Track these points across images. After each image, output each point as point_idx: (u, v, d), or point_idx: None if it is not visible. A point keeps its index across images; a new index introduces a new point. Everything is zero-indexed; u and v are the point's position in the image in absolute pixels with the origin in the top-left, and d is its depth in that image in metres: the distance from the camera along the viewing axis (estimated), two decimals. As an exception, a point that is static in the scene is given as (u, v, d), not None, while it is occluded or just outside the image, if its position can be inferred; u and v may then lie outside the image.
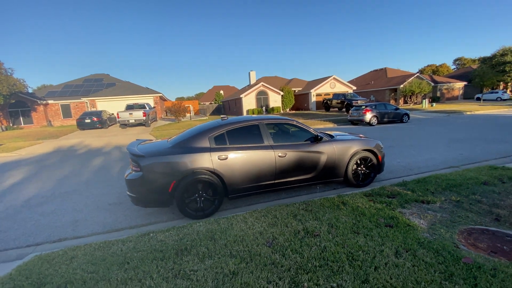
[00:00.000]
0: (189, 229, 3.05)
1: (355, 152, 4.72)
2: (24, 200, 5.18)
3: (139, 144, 4.46)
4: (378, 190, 4.21)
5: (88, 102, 24.01)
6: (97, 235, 3.57)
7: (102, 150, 11.29)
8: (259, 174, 4.09)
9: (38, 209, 4.64)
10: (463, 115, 20.48)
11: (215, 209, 3.94)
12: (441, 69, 67.04)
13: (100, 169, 7.50)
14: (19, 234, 3.75)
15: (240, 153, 3.98)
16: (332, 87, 32.94)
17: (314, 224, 2.93)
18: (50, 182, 6.37)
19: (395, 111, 16.78)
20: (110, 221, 4.00)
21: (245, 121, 4.34)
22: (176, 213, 4.15)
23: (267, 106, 31.79)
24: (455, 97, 40.56)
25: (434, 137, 10.27)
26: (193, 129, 4.53)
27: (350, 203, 3.56)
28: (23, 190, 5.82)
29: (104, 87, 28.77)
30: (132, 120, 17.84)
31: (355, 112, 16.65)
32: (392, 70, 42.86)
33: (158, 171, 3.62)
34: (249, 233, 2.79)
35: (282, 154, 4.18)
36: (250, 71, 38.14)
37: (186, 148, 3.85)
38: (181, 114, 20.66)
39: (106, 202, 4.80)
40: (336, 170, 4.65)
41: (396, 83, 34.81)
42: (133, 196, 3.73)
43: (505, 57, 35.65)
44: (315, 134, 4.57)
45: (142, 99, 24.90)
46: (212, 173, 3.85)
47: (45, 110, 25.22)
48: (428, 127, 13.85)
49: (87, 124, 18.22)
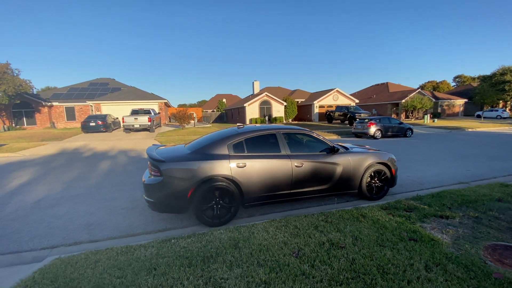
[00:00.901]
0: (210, 236, 3.03)
1: (369, 165, 4.74)
2: (33, 201, 5.14)
3: (157, 148, 4.47)
4: (394, 203, 4.21)
5: (93, 106, 24.13)
6: (113, 240, 3.54)
7: (108, 154, 11.27)
8: (275, 184, 4.09)
9: (49, 211, 4.60)
10: (464, 131, 20.62)
11: (231, 217, 3.92)
12: (441, 85, 67.99)
13: (109, 173, 7.47)
14: (32, 236, 3.71)
15: (258, 161, 3.99)
16: (335, 100, 33.27)
17: (338, 236, 2.91)
18: (58, 184, 6.33)
19: (399, 126, 16.90)
20: (124, 226, 3.96)
21: (262, 130, 4.37)
22: (191, 220, 4.12)
23: (270, 116, 32.00)
24: (455, 114, 40.96)
25: (439, 153, 10.31)
26: (211, 136, 4.55)
27: (370, 216, 3.54)
28: (32, 192, 5.78)
29: (109, 91, 28.98)
30: (137, 125, 17.89)
31: (359, 125, 16.75)
32: (393, 85, 43.42)
33: (178, 177, 3.61)
34: (273, 243, 2.77)
35: (299, 164, 4.19)
36: (254, 81, 38.66)
37: (205, 155, 3.86)
38: (186, 121, 20.75)
39: (119, 207, 4.76)
40: (351, 182, 4.66)
41: (398, 98, 35.20)
42: (151, 201, 3.71)
43: (505, 76, 36.23)
44: (331, 145, 4.59)
45: (147, 104, 25.05)
46: (230, 181, 3.84)
47: (49, 112, 25.29)
48: (432, 142, 13.92)
49: (92, 127, 18.24)
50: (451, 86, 68.40)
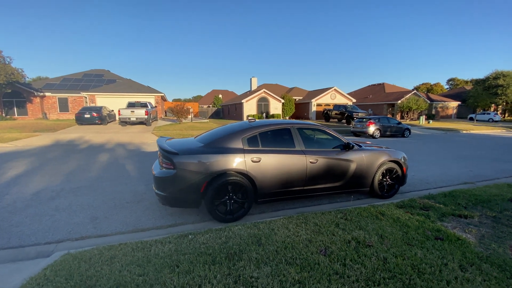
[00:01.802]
0: (229, 232, 2.89)
1: (382, 163, 4.67)
2: (32, 193, 4.90)
3: (167, 140, 4.30)
4: (408, 202, 4.15)
5: (88, 97, 23.50)
6: (122, 234, 3.37)
7: (105, 146, 10.96)
8: (290, 180, 3.97)
9: (50, 204, 4.38)
10: (459, 133, 20.94)
11: (244, 213, 3.79)
12: (435, 87, 69.00)
13: (108, 166, 7.22)
14: (34, 229, 3.50)
15: (273, 156, 3.86)
16: (333, 98, 33.34)
17: (362, 234, 2.82)
18: (57, 176, 6.07)
19: (397, 126, 17.01)
20: (132, 220, 3.79)
21: (277, 124, 4.24)
22: (201, 215, 3.98)
23: (267, 113, 31.86)
24: (449, 116, 41.63)
25: (439, 153, 10.38)
26: (223, 129, 4.40)
27: (388, 214, 3.47)
28: (30, 183, 5.52)
29: (104, 83, 28.29)
30: (134, 118, 17.49)
31: (358, 124, 16.78)
32: (389, 86, 43.79)
33: (192, 170, 3.45)
34: (297, 240, 2.65)
35: (313, 160, 4.08)
36: (252, 77, 38.31)
37: (220, 148, 3.71)
38: (183, 116, 20.43)
39: (123, 200, 4.57)
40: (364, 179, 4.58)
41: (394, 99, 35.50)
42: (162, 194, 3.55)
43: (498, 80, 36.92)
44: (345, 141, 4.50)
45: (143, 97, 24.56)
46: (244, 175, 3.71)
47: (41, 102, 24.53)
48: (429, 143, 14.04)
49: (86, 119, 17.76)
50: (445, 88, 69.51)
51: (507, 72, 36.69)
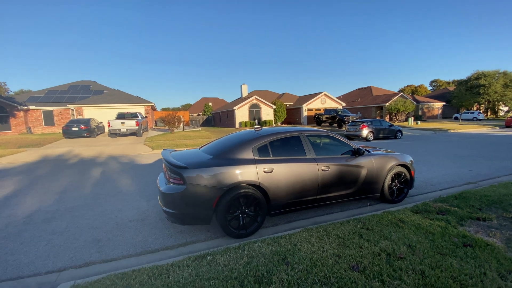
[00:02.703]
0: (249, 250, 2.71)
1: (391, 167, 4.62)
2: (25, 216, 4.55)
3: (171, 153, 4.10)
4: (422, 206, 4.09)
5: (74, 110, 22.77)
6: (130, 258, 3.12)
7: (97, 160, 10.54)
8: (303, 189, 3.84)
9: (46, 227, 4.06)
10: (448, 133, 21.50)
11: (258, 227, 3.62)
12: (419, 89, 71.17)
13: (104, 181, 6.89)
14: (32, 257, 3.20)
15: (285, 165, 3.72)
16: (323, 103, 33.73)
17: (389, 245, 2.70)
18: (50, 195, 5.71)
19: (390, 128, 17.27)
20: (138, 241, 3.54)
21: (286, 132, 4.12)
22: (212, 231, 3.77)
23: (259, 119, 31.85)
24: (434, 116, 42.87)
25: (435, 154, 10.52)
26: (229, 139, 4.24)
27: (408, 221, 3.38)
28: (21, 204, 5.15)
29: (91, 94, 27.54)
30: (124, 129, 17.02)
31: (352, 127, 16.94)
32: (376, 89, 44.82)
33: (204, 184, 3.26)
34: (324, 256, 2.50)
35: (325, 167, 3.97)
36: (242, 84, 38.44)
37: (230, 160, 3.54)
38: (175, 125, 20.06)
39: (126, 219, 4.31)
40: (374, 185, 4.51)
41: (382, 101, 36.27)
42: (171, 212, 3.33)
43: (479, 80, 38.45)
44: (355, 147, 4.42)
45: (132, 108, 24.03)
46: (257, 187, 3.55)
47: (25, 116, 23.58)
48: (423, 143, 14.27)
49: (74, 132, 17.14)
50: (429, 90, 71.83)
51: (487, 72, 38.28)
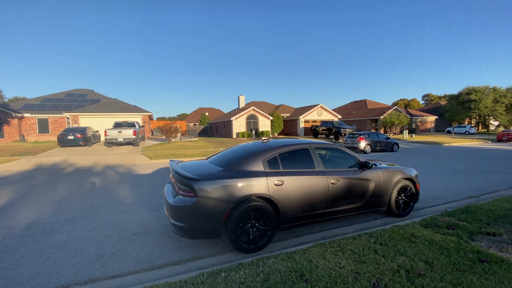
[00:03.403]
0: (264, 267, 2.63)
1: (398, 181, 4.64)
2: (22, 228, 4.38)
3: (178, 164, 4.04)
4: (430, 220, 4.07)
5: (70, 118, 22.50)
6: (137, 274, 3.00)
7: (94, 170, 10.33)
8: (313, 202, 3.80)
9: (45, 240, 3.91)
10: (443, 146, 21.86)
11: (268, 241, 3.54)
12: (412, 103, 72.79)
13: (102, 192, 6.72)
14: (33, 272, 3.05)
15: (295, 178, 3.70)
16: (319, 115, 34.12)
17: (406, 261, 2.65)
18: (47, 206, 5.53)
19: (386, 140, 17.48)
20: (144, 255, 3.42)
21: (295, 144, 4.11)
22: (219, 245, 3.67)
23: (256, 130, 31.95)
24: (428, 129, 43.70)
25: (433, 167, 10.63)
26: (238, 150, 4.20)
27: (420, 236, 3.35)
28: (17, 216, 4.96)
29: (88, 102, 27.34)
30: (121, 138, 16.83)
31: (349, 140, 17.08)
32: (371, 102, 45.68)
33: (214, 197, 3.20)
34: (343, 273, 2.44)
35: (334, 180, 3.96)
36: (240, 95, 38.74)
37: (241, 172, 3.49)
38: (173, 135, 19.94)
39: (129, 232, 4.17)
40: (382, 198, 4.50)
41: (377, 114, 36.88)
42: (180, 225, 3.24)
43: (470, 95, 39.54)
44: (362, 160, 4.43)
45: (129, 117, 23.87)
46: (267, 200, 3.50)
47: (19, 123, 23.17)
48: (419, 156, 14.44)
49: (70, 141, 16.86)
50: (421, 104, 73.54)
51: (478, 87, 39.47)
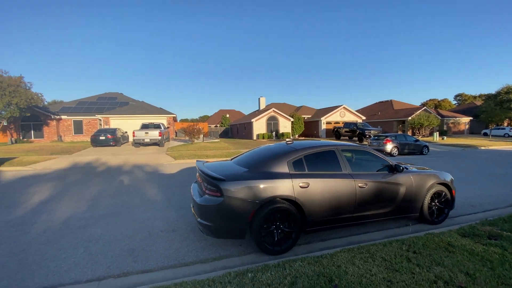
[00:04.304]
0: (291, 270, 2.60)
1: (431, 186, 4.38)
2: (61, 221, 4.71)
3: (205, 163, 4.13)
4: (469, 229, 3.80)
5: (102, 119, 23.95)
6: (166, 270, 3.10)
7: (123, 169, 10.87)
8: (339, 206, 3.70)
9: (82, 233, 4.16)
10: (479, 149, 20.34)
11: (292, 244, 3.50)
12: (443, 103, 68.58)
13: (131, 190, 7.04)
14: (71, 264, 3.26)
15: (321, 181, 3.62)
16: (342, 116, 33.27)
17: (444, 272, 2.49)
18: (82, 202, 5.90)
19: (415, 143, 16.62)
20: (172, 252, 3.52)
21: (320, 146, 4.03)
22: (244, 246, 3.69)
23: (277, 132, 31.84)
24: (461, 132, 40.92)
25: (468, 172, 9.92)
26: (262, 152, 4.21)
27: (458, 246, 3.13)
28: (56, 210, 5.34)
29: (117, 105, 28.94)
30: (148, 139, 17.58)
31: (375, 142, 16.47)
32: (397, 103, 43.70)
33: (240, 197, 3.22)
34: (375, 280, 2.35)
35: (362, 184, 3.82)
36: (260, 97, 38.84)
37: (266, 173, 3.49)
38: (196, 136, 20.48)
39: (156, 229, 4.33)
40: (413, 204, 4.27)
41: (404, 115, 35.22)
42: (207, 224, 3.30)
43: (510, 95, 36.43)
44: (392, 163, 4.24)
45: (155, 119, 24.91)
46: (292, 202, 3.46)
47: (57, 125, 25.07)
48: (452, 160, 13.55)
49: (101, 141, 17.92)
50: (453, 104, 69.07)
51: (519, 86, 36.28)
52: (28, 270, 3.12)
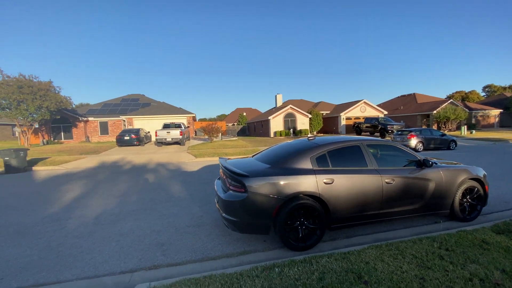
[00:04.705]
0: (317, 265, 2.60)
1: (462, 181, 4.18)
2: (93, 217, 4.98)
3: (227, 160, 4.20)
4: (503, 226, 3.59)
5: (126, 120, 24.99)
6: (193, 263, 3.20)
7: (147, 167, 11.28)
8: (365, 202, 3.62)
9: (113, 228, 4.38)
10: (510, 143, 19.03)
11: (317, 241, 3.47)
12: (471, 95, 64.59)
13: (157, 187, 7.30)
14: (105, 256, 3.45)
15: (346, 177, 3.56)
16: (363, 111, 32.34)
17: (479, 269, 2.38)
18: (112, 199, 6.20)
19: (442, 137, 15.84)
20: (198, 247, 3.62)
21: (344, 141, 3.96)
22: (268, 241, 3.72)
23: (294, 129, 31.57)
24: (490, 125, 38.44)
25: (500, 167, 9.28)
26: (283, 148, 4.21)
27: (493, 243, 2.97)
28: (88, 206, 5.66)
29: (140, 106, 30.06)
30: (169, 138, 18.11)
31: (398, 137, 15.88)
32: (421, 96, 41.75)
33: (264, 193, 3.25)
34: (406, 277, 2.29)
35: (390, 180, 3.71)
36: (277, 94, 38.69)
37: (289, 169, 3.48)
38: (215, 134, 20.81)
39: (183, 224, 4.47)
40: (443, 200, 4.09)
41: (429, 109, 33.63)
42: (232, 219, 3.36)
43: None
44: (421, 158, 4.09)
45: (176, 118, 25.59)
46: (316, 199, 3.43)
47: (85, 126, 26.50)
48: (482, 155, 12.76)
49: (126, 141, 18.70)
50: (481, 96, 64.85)
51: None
52: (66, 262, 3.34)
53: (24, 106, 19.97)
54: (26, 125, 21.44)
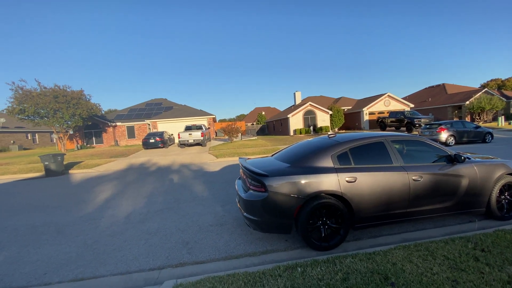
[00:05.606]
0: (341, 265, 2.55)
1: (499, 177, 3.88)
2: (123, 216, 5.27)
3: (247, 160, 4.25)
4: (549, 226, 3.28)
5: (150, 124, 26.10)
6: (217, 262, 3.28)
7: (172, 168, 11.69)
8: (391, 201, 3.48)
9: (142, 227, 4.61)
10: (560, 134, 17.24)
11: (341, 240, 3.40)
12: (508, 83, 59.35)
13: (181, 187, 7.55)
14: (135, 254, 3.64)
15: (369, 174, 3.45)
16: (387, 105, 31.02)
17: (520, 272, 2.20)
18: (140, 199, 6.51)
19: (476, 130, 14.76)
20: (221, 245, 3.71)
21: (367, 138, 3.84)
22: (290, 241, 3.71)
23: (314, 126, 31.05)
24: (534, 114, 35.05)
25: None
26: (304, 146, 4.17)
27: (538, 244, 2.72)
28: (119, 206, 5.99)
29: (163, 110, 31.25)
30: (191, 140, 18.64)
31: (426, 131, 15.05)
32: (451, 86, 39.13)
33: (284, 193, 3.25)
34: (437, 280, 2.18)
35: (417, 177, 3.54)
36: (295, 91, 38.22)
37: (309, 168, 3.45)
38: (235, 135, 21.06)
39: (206, 223, 4.59)
40: (478, 198, 3.83)
41: (460, 100, 31.47)
42: (253, 219, 3.39)
43: None
44: (451, 153, 3.85)
45: (197, 120, 26.27)
46: (339, 198, 3.36)
47: (113, 131, 28.05)
48: (526, 147, 11.71)
49: (151, 144, 19.54)
50: (522, 83, 59.26)
51: None
52: (100, 258, 3.58)
53: (59, 114, 21.55)
54: (62, 131, 23.12)
